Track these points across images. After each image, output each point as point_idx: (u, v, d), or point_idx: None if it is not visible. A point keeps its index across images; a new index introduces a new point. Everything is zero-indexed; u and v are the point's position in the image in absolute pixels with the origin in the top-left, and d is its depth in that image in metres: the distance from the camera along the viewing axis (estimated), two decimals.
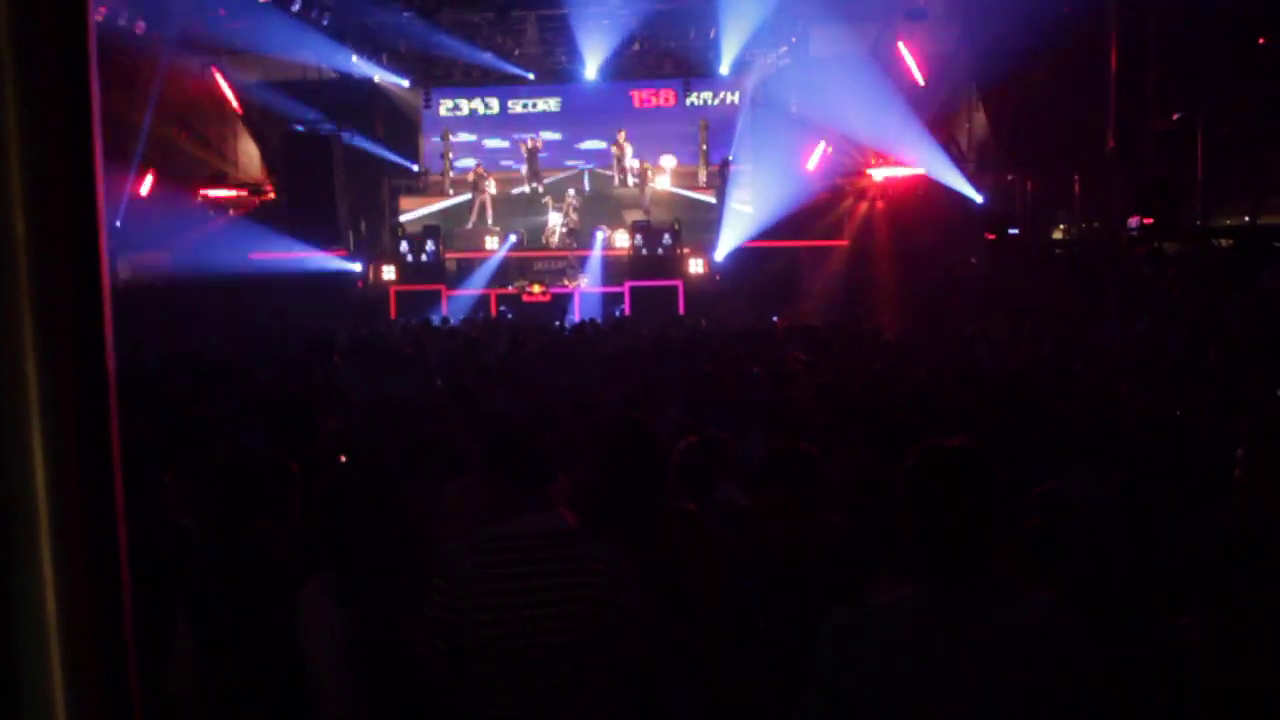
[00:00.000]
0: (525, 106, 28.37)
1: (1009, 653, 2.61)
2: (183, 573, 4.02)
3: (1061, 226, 23.08)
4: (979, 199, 23.68)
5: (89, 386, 0.83)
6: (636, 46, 25.94)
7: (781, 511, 4.78)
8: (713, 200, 27.10)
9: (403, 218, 28.10)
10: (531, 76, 27.38)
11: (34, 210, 0.79)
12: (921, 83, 23.86)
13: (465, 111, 28.60)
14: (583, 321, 18.69)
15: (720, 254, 24.75)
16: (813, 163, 24.97)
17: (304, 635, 3.63)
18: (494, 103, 28.41)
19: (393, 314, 22.86)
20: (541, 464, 3.88)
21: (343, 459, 5.95)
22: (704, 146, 28.17)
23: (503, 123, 28.56)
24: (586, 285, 24.28)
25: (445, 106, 28.46)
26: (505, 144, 28.62)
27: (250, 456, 4.05)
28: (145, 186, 23.35)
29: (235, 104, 26.12)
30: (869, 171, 24.46)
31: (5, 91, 0.79)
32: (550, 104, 28.27)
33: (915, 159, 24.59)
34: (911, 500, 2.73)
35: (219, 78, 25.57)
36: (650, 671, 3.97)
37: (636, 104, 28.11)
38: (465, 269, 25.85)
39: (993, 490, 2.76)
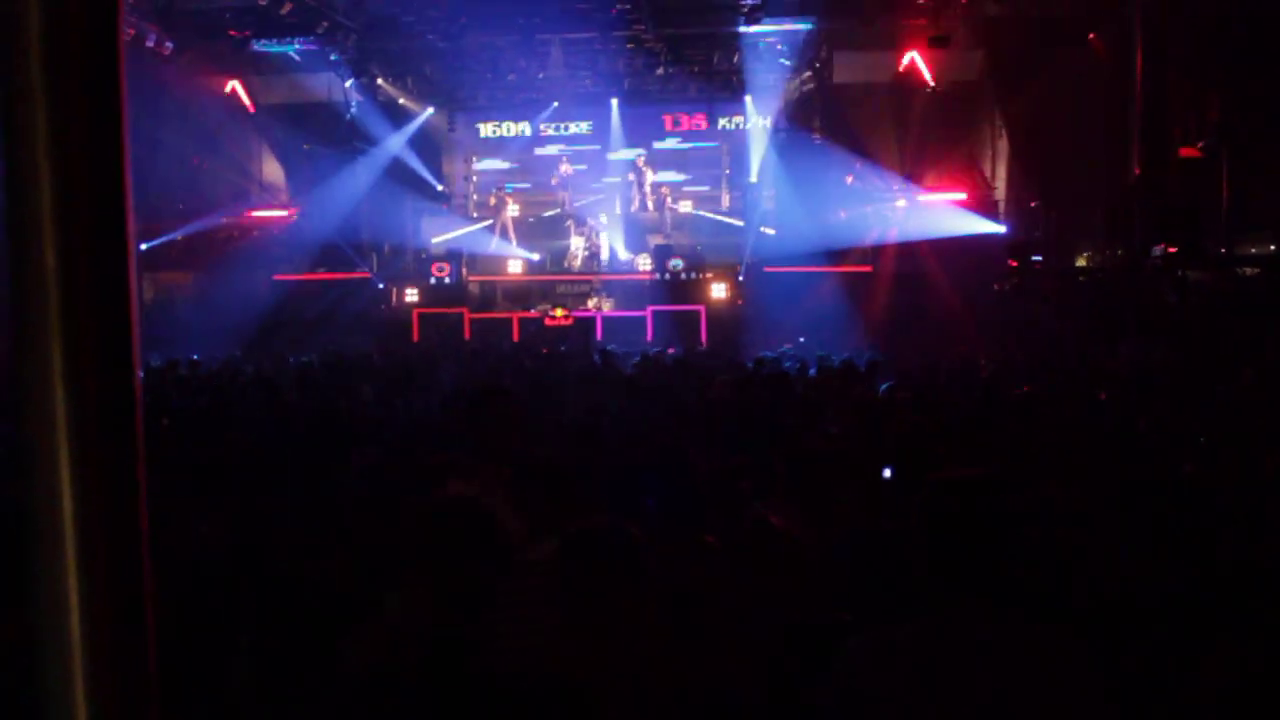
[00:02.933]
0: (553, 130, 28.43)
1: (1023, 678, 2.61)
2: (249, 587, 4.05)
3: (1085, 254, 23.02)
4: (1002, 227, 23.64)
5: (116, 415, 0.83)
6: (660, 71, 26.01)
7: None
8: (736, 224, 27.12)
9: (426, 240, 28.23)
10: (556, 104, 27.49)
11: (64, 241, 0.80)
12: (931, 83, 23.74)
13: (489, 135, 28.72)
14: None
15: (743, 279, 24.75)
16: (836, 189, 24.98)
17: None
18: (518, 127, 28.50)
19: (415, 336, 22.92)
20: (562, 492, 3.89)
21: None
22: (727, 171, 28.21)
23: (527, 146, 28.64)
24: (609, 309, 24.31)
25: (468, 130, 28.59)
26: (532, 167, 28.68)
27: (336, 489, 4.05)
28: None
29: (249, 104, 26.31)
30: (892, 197, 24.45)
31: (36, 121, 0.80)
32: (579, 128, 28.35)
33: (939, 186, 24.59)
34: (928, 524, 2.74)
35: (239, 88, 25.82)
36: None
37: (668, 127, 28.20)
38: (488, 291, 25.94)
39: (1007, 519, 2.77)
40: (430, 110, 27.69)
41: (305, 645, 3.59)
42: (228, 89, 25.51)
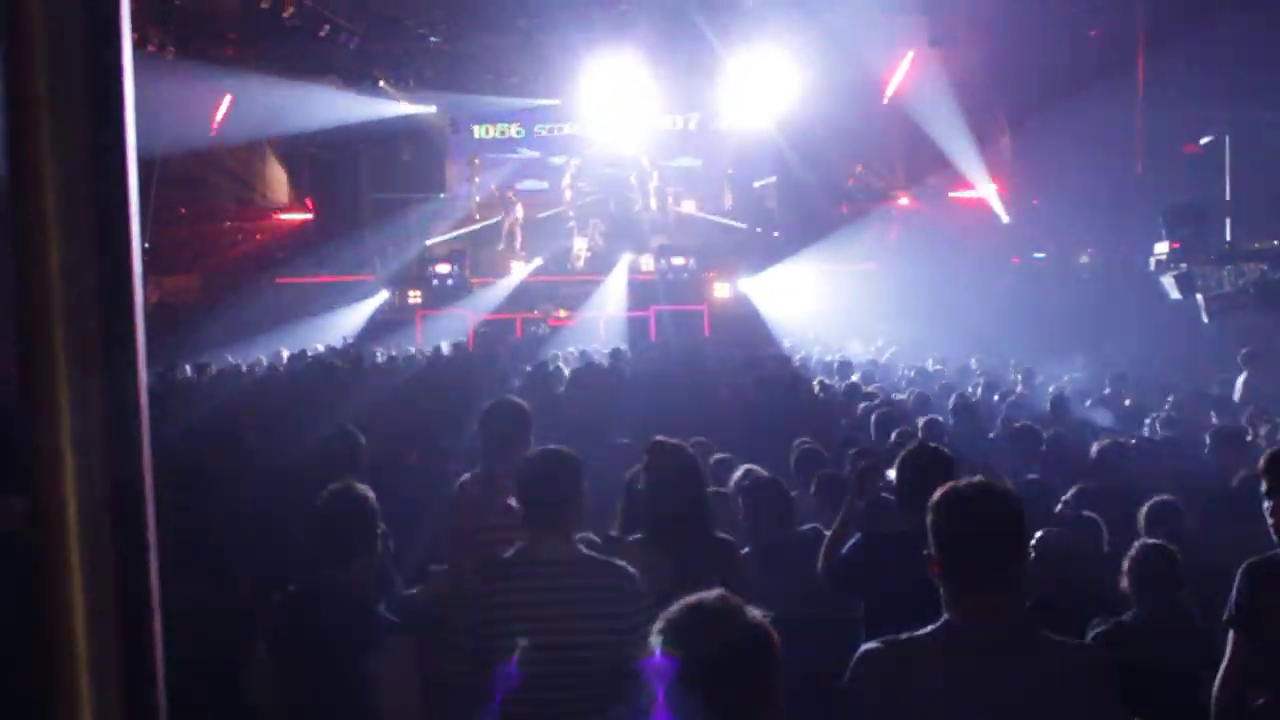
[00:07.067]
0: (552, 130, 28.41)
1: (1037, 687, 2.60)
2: (265, 602, 4.10)
3: (1089, 250, 22.98)
4: (1006, 220, 23.62)
5: (122, 420, 0.83)
6: (663, 71, 25.99)
7: None
8: (739, 224, 27.06)
9: (429, 242, 28.15)
10: (558, 101, 27.46)
11: (68, 245, 0.80)
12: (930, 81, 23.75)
13: (491, 136, 28.71)
14: None
15: (746, 278, 24.69)
16: (839, 187, 24.95)
17: (385, 687, 3.65)
18: (520, 128, 28.51)
19: (418, 339, 22.88)
20: (561, 494, 3.88)
21: None
22: (730, 171, 28.14)
23: (530, 146, 28.63)
24: (612, 310, 24.23)
25: (470, 131, 28.56)
26: (534, 168, 28.67)
27: (353, 498, 4.10)
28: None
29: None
30: (896, 195, 24.43)
31: (40, 124, 0.79)
32: (576, 127, 28.30)
33: (942, 183, 24.57)
34: (941, 536, 2.73)
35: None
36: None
37: (668, 127, 28.18)
38: (491, 293, 25.90)
39: (1020, 526, 2.76)
40: (433, 109, 27.66)
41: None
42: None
